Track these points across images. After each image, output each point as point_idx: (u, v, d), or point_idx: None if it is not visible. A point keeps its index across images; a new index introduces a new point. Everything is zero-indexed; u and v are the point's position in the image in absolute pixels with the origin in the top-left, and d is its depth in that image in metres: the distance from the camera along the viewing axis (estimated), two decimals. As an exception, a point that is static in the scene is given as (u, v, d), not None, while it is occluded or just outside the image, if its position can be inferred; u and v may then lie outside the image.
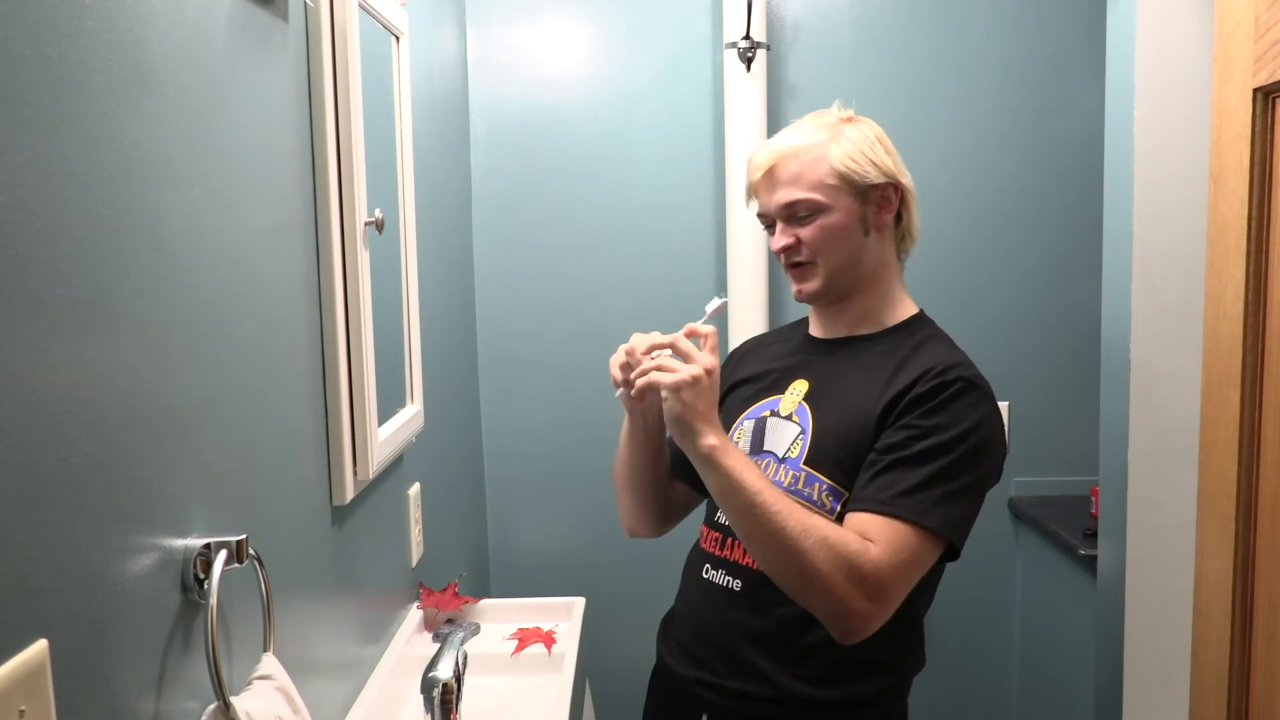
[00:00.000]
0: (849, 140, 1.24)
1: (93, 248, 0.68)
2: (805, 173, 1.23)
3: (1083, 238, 2.28)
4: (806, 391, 1.28)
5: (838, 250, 1.24)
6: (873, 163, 1.23)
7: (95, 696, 0.68)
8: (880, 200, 1.25)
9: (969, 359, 1.26)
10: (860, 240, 1.25)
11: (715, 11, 2.29)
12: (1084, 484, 2.27)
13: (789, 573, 1.12)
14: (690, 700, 1.30)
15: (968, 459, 1.15)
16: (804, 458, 1.23)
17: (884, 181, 1.24)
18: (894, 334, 1.28)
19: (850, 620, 1.11)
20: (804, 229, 1.24)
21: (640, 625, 1.72)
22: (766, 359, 1.39)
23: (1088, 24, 2.27)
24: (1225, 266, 1.04)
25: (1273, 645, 1.00)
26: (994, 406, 1.21)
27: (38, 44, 0.63)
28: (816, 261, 1.25)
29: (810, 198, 1.23)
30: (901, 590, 1.13)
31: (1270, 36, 0.96)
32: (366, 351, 1.26)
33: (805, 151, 1.24)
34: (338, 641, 1.27)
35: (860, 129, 1.26)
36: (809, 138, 1.25)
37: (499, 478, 2.42)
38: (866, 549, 1.10)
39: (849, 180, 1.23)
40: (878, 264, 1.28)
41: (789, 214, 1.25)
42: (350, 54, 1.19)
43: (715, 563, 1.30)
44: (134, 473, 0.74)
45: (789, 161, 1.24)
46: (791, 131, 1.27)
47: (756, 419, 1.31)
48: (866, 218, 1.25)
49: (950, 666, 2.46)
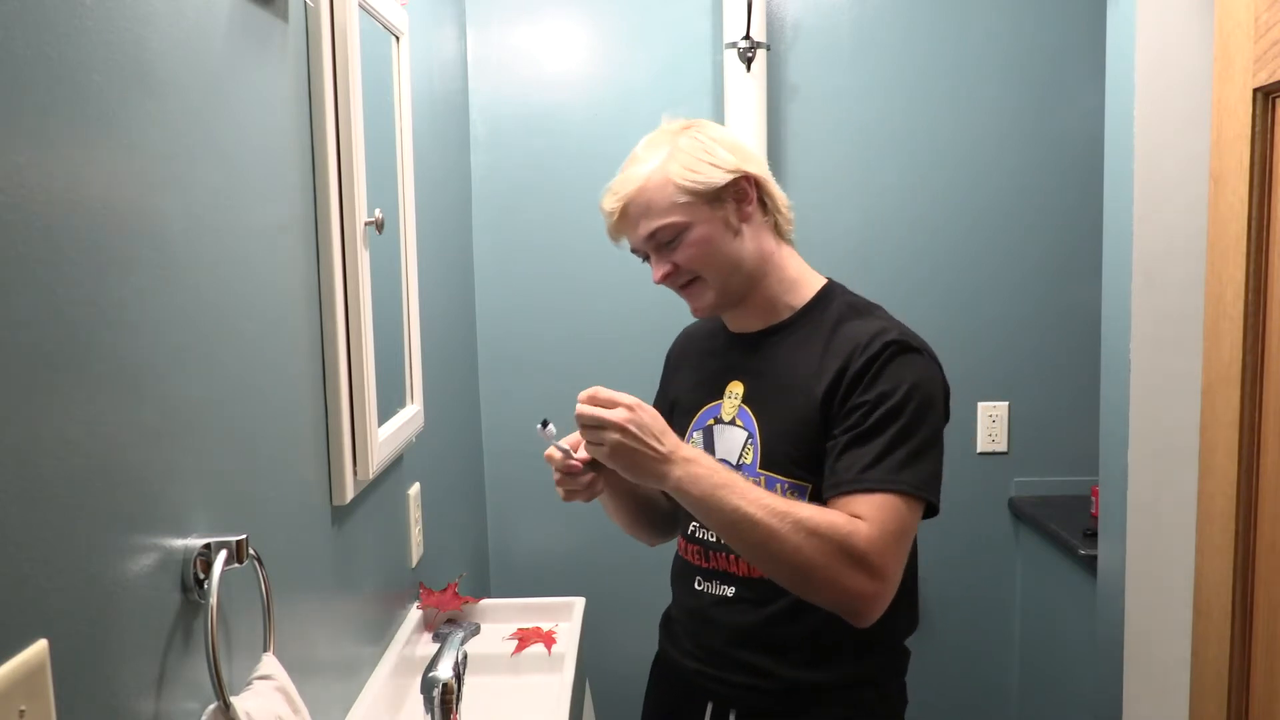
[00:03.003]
0: (684, 152, 1.23)
1: (93, 248, 0.68)
2: (654, 201, 1.23)
3: (1083, 238, 2.28)
4: (743, 394, 1.29)
5: (715, 260, 1.24)
6: (713, 165, 1.22)
7: (95, 696, 0.68)
8: (736, 196, 1.24)
9: (886, 317, 1.27)
10: (733, 242, 1.24)
11: (715, 11, 2.29)
12: (1084, 484, 2.27)
13: (789, 573, 1.13)
14: (694, 690, 1.32)
15: (917, 416, 1.17)
16: (759, 462, 1.25)
17: (731, 179, 1.23)
18: (808, 314, 1.29)
19: (860, 603, 1.12)
20: (675, 253, 1.24)
21: (640, 625, 1.72)
22: (698, 365, 1.39)
23: (1088, 24, 2.27)
24: (1225, 266, 1.04)
25: (1273, 645, 1.00)
26: (923, 357, 1.22)
27: (38, 44, 0.63)
28: (701, 277, 1.26)
29: (667, 222, 1.22)
30: (898, 560, 1.14)
31: (1270, 36, 0.96)
32: (366, 351, 1.26)
33: (647, 181, 1.23)
34: (338, 641, 1.27)
35: (693, 135, 1.25)
36: (646, 166, 1.24)
37: (499, 478, 2.42)
38: (856, 528, 1.11)
39: (696, 191, 1.22)
40: (761, 256, 1.27)
41: (655, 244, 1.25)
42: (350, 54, 1.19)
43: (705, 574, 1.32)
44: (134, 473, 0.74)
45: (636, 197, 1.24)
46: (630, 166, 1.26)
47: (703, 429, 1.32)
48: (729, 219, 1.24)
49: (950, 666, 2.46)
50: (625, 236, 1.29)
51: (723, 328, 1.36)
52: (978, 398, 2.40)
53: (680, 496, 1.15)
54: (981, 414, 2.40)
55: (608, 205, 1.26)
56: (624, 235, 1.29)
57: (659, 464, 1.13)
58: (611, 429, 1.13)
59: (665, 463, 1.13)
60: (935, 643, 2.46)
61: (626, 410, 1.14)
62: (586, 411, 1.15)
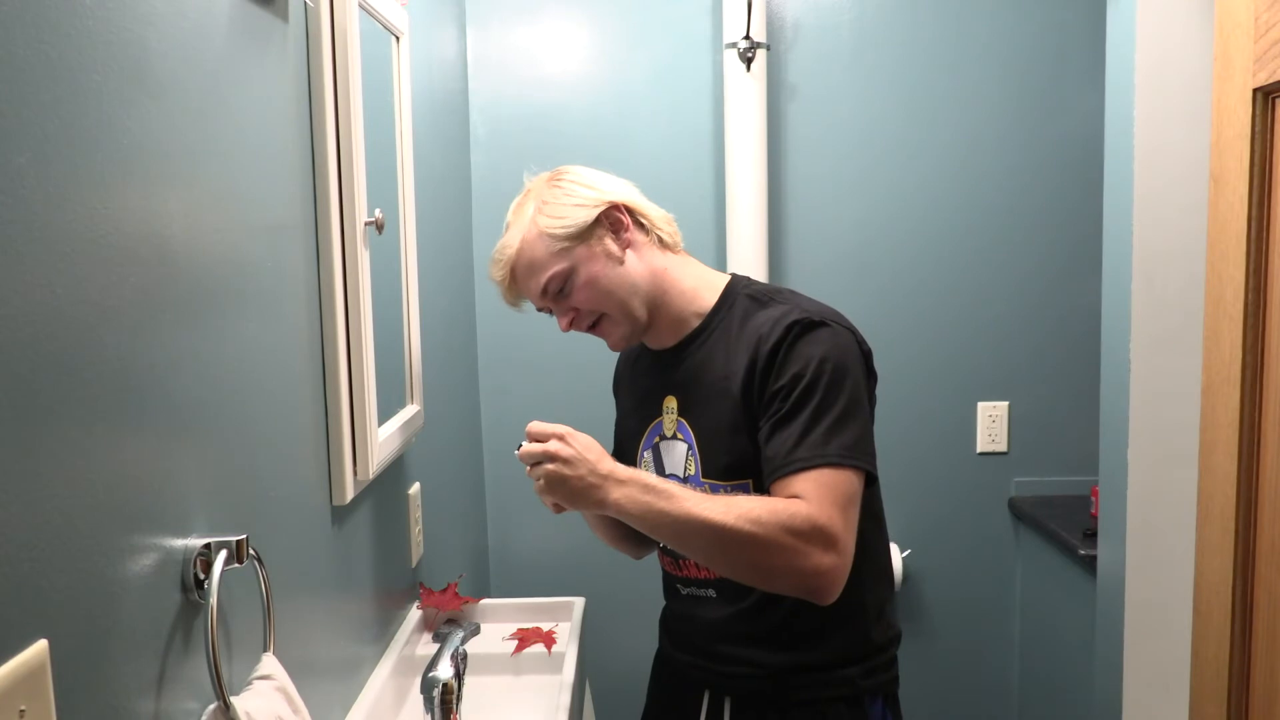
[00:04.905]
0: (548, 204, 1.28)
1: (93, 248, 0.68)
2: (534, 257, 1.27)
3: (1083, 238, 2.27)
4: (678, 407, 1.32)
5: (610, 293, 1.27)
6: (577, 205, 1.27)
7: (95, 696, 0.68)
8: (610, 226, 1.28)
9: (789, 300, 1.28)
10: (621, 271, 1.27)
11: (715, 11, 2.29)
12: (1084, 484, 2.27)
13: (743, 566, 1.15)
14: (691, 681, 1.35)
15: (832, 387, 1.18)
16: (700, 472, 1.27)
17: (598, 212, 1.27)
18: (715, 316, 1.30)
19: (818, 579, 1.13)
20: (571, 298, 1.28)
21: (640, 625, 1.72)
22: (633, 388, 1.42)
23: (1088, 24, 2.27)
24: (1225, 266, 1.04)
25: (1273, 645, 1.00)
26: (830, 328, 1.22)
27: (38, 44, 0.63)
28: (605, 312, 1.29)
29: (552, 273, 1.26)
30: (847, 529, 1.15)
31: (1270, 36, 0.96)
32: (366, 351, 1.26)
33: (522, 241, 1.28)
34: (338, 641, 1.27)
35: (553, 184, 1.30)
36: (518, 227, 1.29)
37: (499, 478, 2.42)
38: (796, 507, 1.13)
39: (568, 235, 1.26)
40: (653, 275, 1.30)
41: (550, 296, 1.29)
42: (350, 54, 1.19)
43: (683, 582, 1.36)
44: (134, 472, 0.74)
45: (517, 259, 1.29)
46: (505, 234, 1.31)
47: (652, 448, 1.35)
48: (610, 250, 1.27)
49: (950, 666, 2.46)
50: (527, 300, 1.33)
51: (646, 348, 1.39)
52: (978, 398, 2.40)
53: (623, 517, 1.17)
54: (981, 414, 2.40)
55: (496, 275, 1.31)
56: (520, 298, 1.33)
57: (595, 489, 1.15)
58: (544, 459, 1.16)
59: (600, 487, 1.15)
60: (935, 643, 2.46)
61: (557, 440, 1.17)
62: (522, 452, 1.18)
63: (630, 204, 1.30)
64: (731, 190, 2.25)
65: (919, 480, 2.38)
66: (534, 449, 1.17)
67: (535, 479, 1.18)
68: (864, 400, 1.22)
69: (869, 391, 1.25)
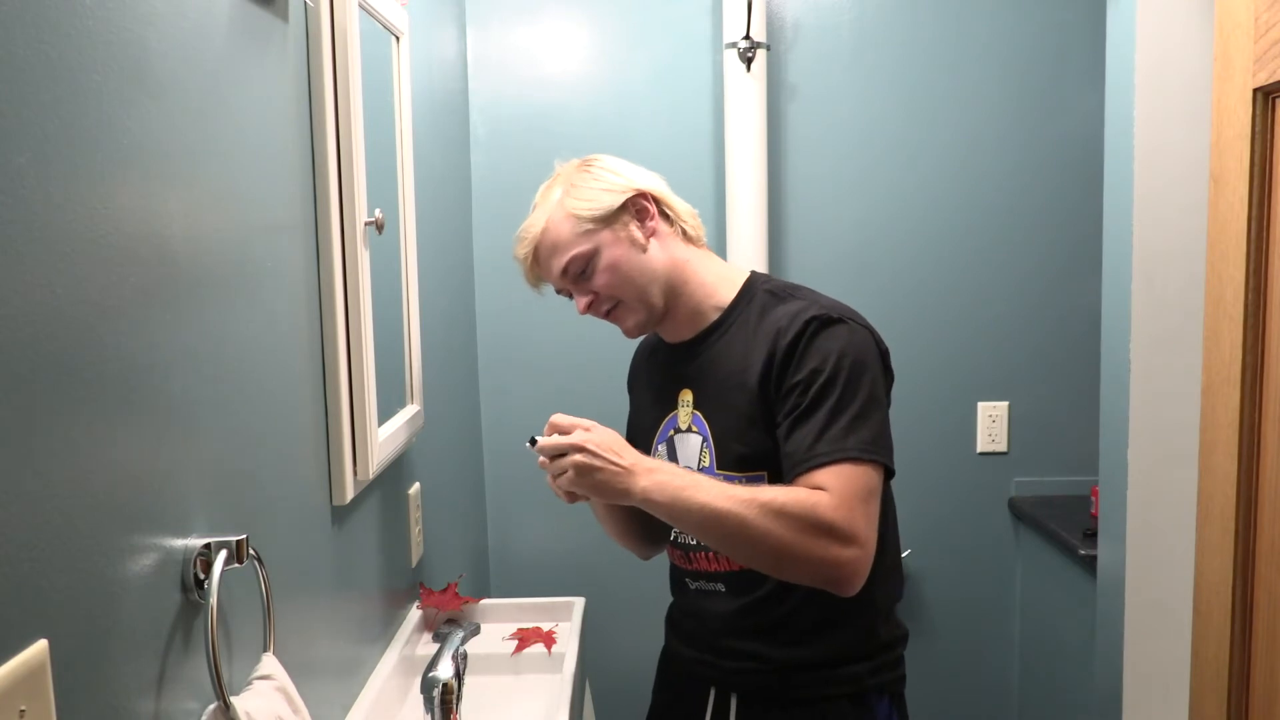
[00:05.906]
0: (576, 186, 1.30)
1: (93, 247, 0.68)
2: (559, 237, 1.28)
3: (1083, 238, 2.27)
4: (693, 400, 1.32)
5: (630, 279, 1.28)
6: (605, 190, 1.28)
7: (95, 696, 0.68)
8: (636, 214, 1.30)
9: (807, 296, 1.29)
10: (643, 259, 1.29)
11: (715, 11, 2.29)
12: (1084, 484, 2.27)
13: (766, 557, 1.16)
14: (697, 678, 1.35)
15: (851, 383, 1.19)
16: (715, 464, 1.28)
17: (625, 198, 1.28)
18: (734, 310, 1.31)
19: (838, 570, 1.15)
20: (591, 281, 1.29)
21: (641, 624, 1.72)
22: (649, 382, 1.43)
23: (1088, 24, 2.26)
24: (1225, 266, 1.04)
25: (1273, 645, 1.00)
26: (847, 325, 1.23)
27: (38, 44, 0.63)
28: (623, 299, 1.30)
29: (575, 254, 1.28)
30: (869, 522, 1.16)
31: (1270, 36, 0.96)
32: (366, 351, 1.26)
33: (548, 221, 1.29)
34: (338, 641, 1.27)
35: (583, 169, 1.32)
36: (545, 208, 1.31)
37: (499, 478, 2.42)
38: (819, 499, 1.14)
39: (595, 218, 1.27)
40: (674, 265, 1.31)
41: (570, 278, 1.30)
42: (350, 54, 1.19)
43: (693, 576, 1.36)
44: (134, 472, 0.74)
45: (542, 238, 1.30)
46: (531, 213, 1.33)
47: (666, 441, 1.36)
48: (634, 237, 1.29)
49: (950, 667, 2.46)
50: (543, 280, 1.34)
51: (663, 341, 1.40)
52: (978, 398, 2.40)
53: (649, 506, 1.18)
54: (981, 414, 2.40)
55: (520, 253, 1.33)
56: (542, 279, 1.35)
57: (622, 478, 1.17)
58: (571, 450, 1.18)
59: (628, 476, 1.17)
60: (935, 643, 2.46)
61: (584, 430, 1.19)
62: (546, 443, 1.20)
63: (657, 194, 1.31)
64: (731, 190, 2.25)
65: (919, 480, 2.38)
66: (560, 441, 1.18)
67: (556, 471, 1.19)
68: (882, 396, 1.23)
69: (886, 389, 1.26)
